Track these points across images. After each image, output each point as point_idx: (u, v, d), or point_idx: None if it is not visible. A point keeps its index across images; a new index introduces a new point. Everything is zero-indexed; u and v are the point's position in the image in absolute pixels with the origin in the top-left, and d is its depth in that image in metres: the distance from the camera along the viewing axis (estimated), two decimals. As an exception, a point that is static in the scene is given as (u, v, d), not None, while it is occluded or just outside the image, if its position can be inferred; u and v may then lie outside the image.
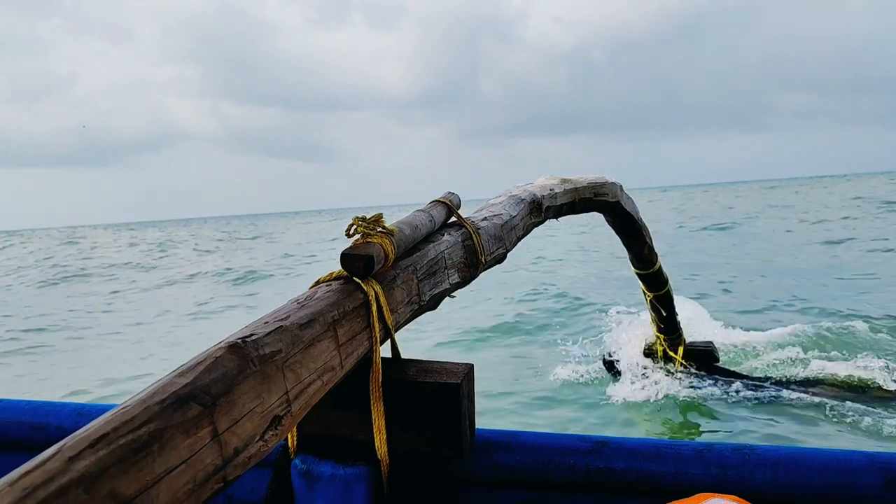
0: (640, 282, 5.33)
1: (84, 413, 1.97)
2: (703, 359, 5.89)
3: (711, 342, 6.04)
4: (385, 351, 1.61)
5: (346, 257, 1.50)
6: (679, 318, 5.69)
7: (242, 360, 1.14)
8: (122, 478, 0.87)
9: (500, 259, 2.38)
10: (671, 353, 5.88)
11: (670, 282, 5.37)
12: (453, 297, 2.07)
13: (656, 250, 5.04)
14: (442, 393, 1.54)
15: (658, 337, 5.90)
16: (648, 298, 5.44)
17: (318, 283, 1.55)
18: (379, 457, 1.57)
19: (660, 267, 5.18)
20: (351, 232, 1.58)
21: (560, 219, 3.36)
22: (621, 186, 4.24)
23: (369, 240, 1.55)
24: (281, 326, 1.26)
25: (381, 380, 1.54)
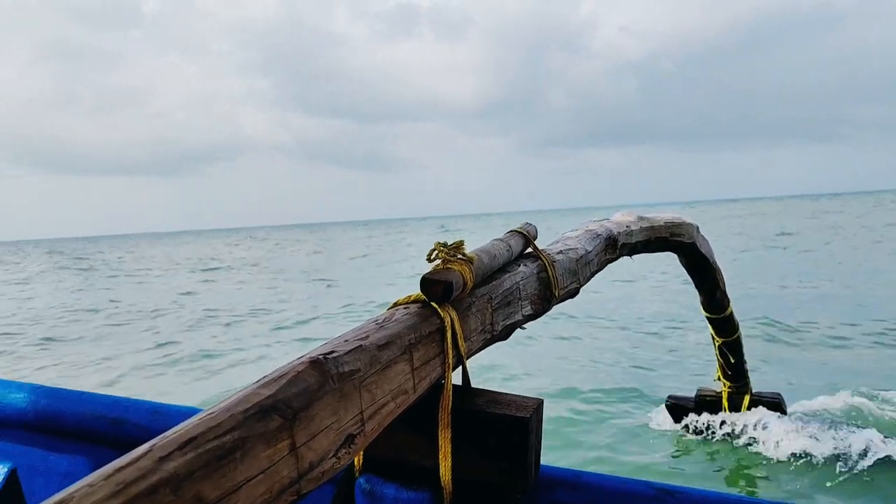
0: (709, 326, 5.20)
1: (160, 412, 2.03)
2: (771, 411, 5.69)
3: (779, 393, 5.83)
4: (454, 377, 1.61)
5: (425, 282, 1.51)
6: (748, 366, 5.52)
7: (323, 376, 1.16)
8: (206, 482, 0.89)
9: (573, 294, 2.36)
10: (726, 402, 5.69)
11: (741, 328, 5.23)
12: (524, 328, 2.06)
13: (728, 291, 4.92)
14: (511, 426, 1.53)
15: (723, 384, 5.73)
16: (717, 344, 5.30)
17: (396, 304, 1.56)
18: (442, 484, 1.57)
19: (731, 312, 5.05)
20: (432, 257, 1.60)
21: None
22: (697, 227, 4.16)
23: (449, 266, 1.56)
24: (360, 346, 1.28)
25: (450, 407, 1.54)
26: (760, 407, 5.68)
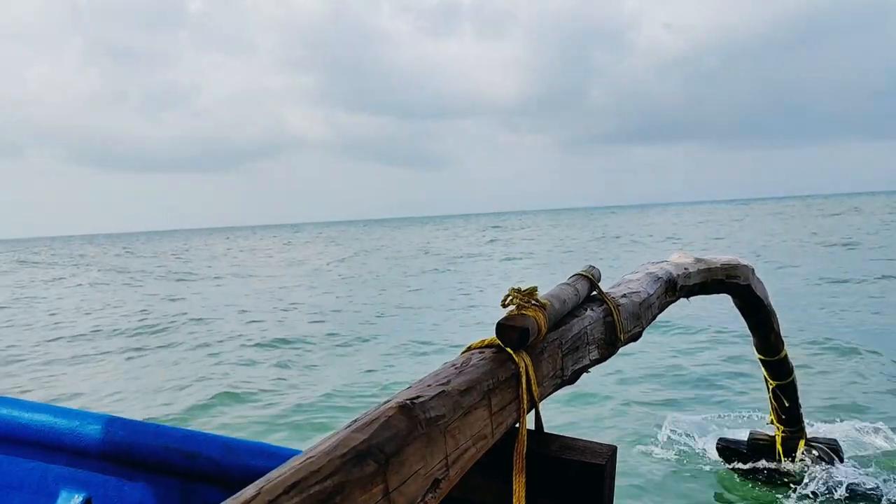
0: (762, 369, 5.11)
1: (231, 447, 2.08)
2: (827, 457, 5.53)
3: (836, 439, 5.67)
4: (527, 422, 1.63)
5: (501, 327, 1.54)
6: (802, 410, 5.40)
7: (412, 421, 1.19)
8: None
9: (636, 337, 2.36)
10: (780, 447, 5.55)
11: (795, 371, 5.13)
12: (588, 373, 2.08)
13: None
14: (586, 473, 1.54)
15: (777, 429, 5.60)
16: (771, 387, 5.20)
17: (470, 348, 1.60)
18: None
19: (786, 354, 4.96)
20: (506, 302, 1.63)
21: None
22: (753, 269, 4.13)
23: (524, 312, 1.59)
24: (443, 391, 1.31)
25: (525, 452, 1.56)
26: (814, 453, 5.54)
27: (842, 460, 5.57)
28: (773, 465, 5.63)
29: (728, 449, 5.95)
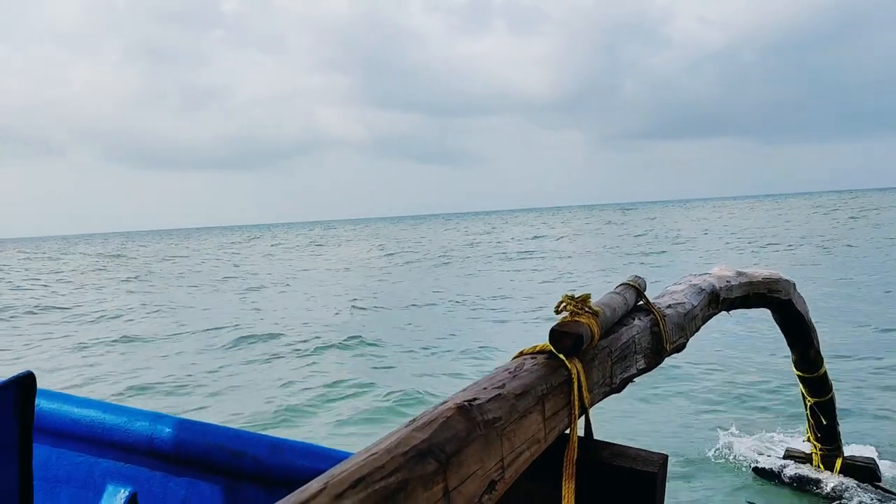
0: (800, 386, 5.04)
1: (277, 447, 2.10)
2: (864, 477, 5.42)
3: (874, 458, 5.56)
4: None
5: (555, 333, 1.55)
6: (840, 428, 5.30)
7: (470, 422, 1.20)
8: None
9: (681, 348, 2.35)
10: (819, 465, 5.45)
11: (834, 388, 5.04)
12: (634, 383, 2.07)
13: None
14: (638, 480, 1.54)
15: (813, 446, 5.51)
16: (808, 404, 5.11)
17: (521, 354, 1.60)
18: None
19: (825, 372, 4.88)
20: (559, 308, 1.63)
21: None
22: (794, 285, 4.08)
23: (578, 318, 1.60)
24: (499, 394, 1.32)
25: (575, 458, 1.56)
26: (852, 472, 5.44)
27: (879, 480, 5.46)
28: (809, 483, 5.54)
29: (764, 469, 5.87)
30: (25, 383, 1.77)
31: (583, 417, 1.65)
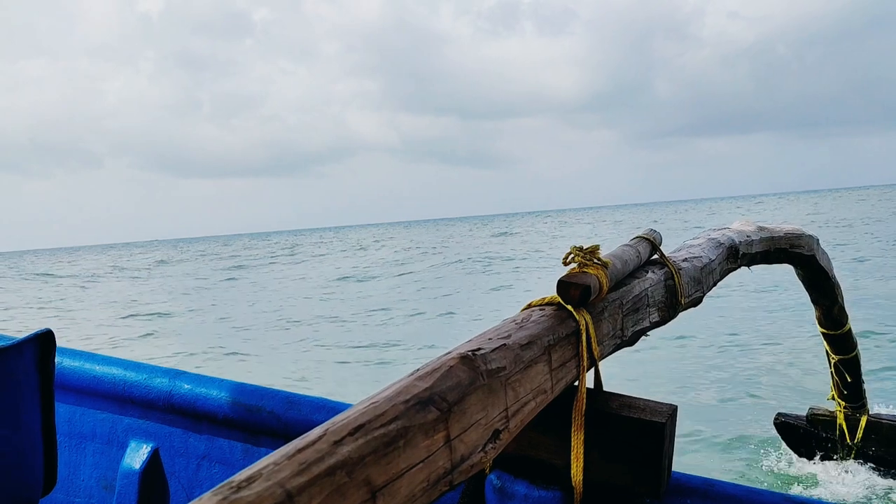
0: (824, 343, 4.98)
1: (293, 401, 2.13)
2: (891, 435, 5.36)
3: None
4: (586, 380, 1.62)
5: (563, 284, 1.53)
6: (865, 386, 5.23)
7: (473, 372, 1.20)
8: (375, 467, 0.94)
9: (697, 302, 2.33)
10: (842, 422, 5.39)
11: (859, 346, 4.97)
12: (647, 336, 2.05)
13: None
14: (646, 430, 1.53)
15: (838, 404, 5.46)
16: (833, 361, 5.05)
17: (530, 306, 1.59)
18: (573, 484, 1.58)
19: (850, 328, 4.81)
20: (567, 260, 1.62)
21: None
22: (818, 240, 4.00)
23: (586, 269, 1.58)
24: (504, 344, 1.32)
25: (584, 409, 1.56)
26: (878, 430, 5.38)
27: (907, 438, 5.41)
28: (834, 442, 5.50)
29: (786, 425, 5.84)
30: (45, 339, 1.81)
31: (593, 370, 1.64)
